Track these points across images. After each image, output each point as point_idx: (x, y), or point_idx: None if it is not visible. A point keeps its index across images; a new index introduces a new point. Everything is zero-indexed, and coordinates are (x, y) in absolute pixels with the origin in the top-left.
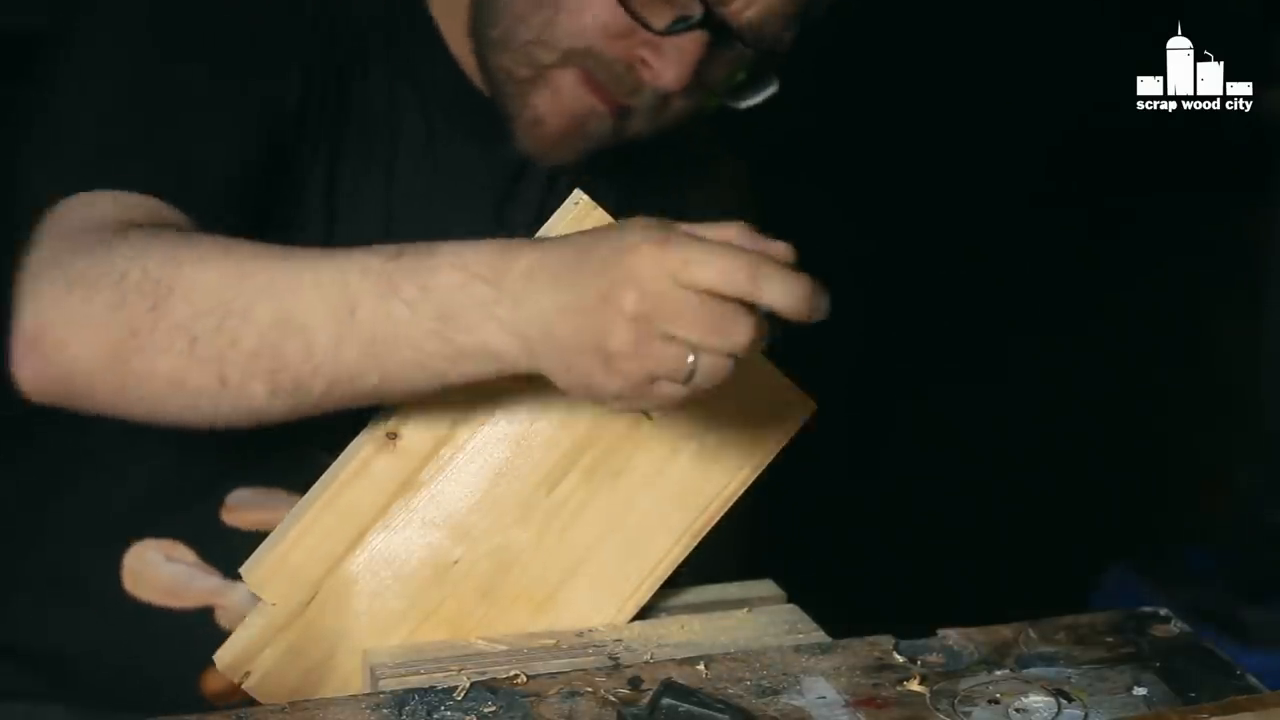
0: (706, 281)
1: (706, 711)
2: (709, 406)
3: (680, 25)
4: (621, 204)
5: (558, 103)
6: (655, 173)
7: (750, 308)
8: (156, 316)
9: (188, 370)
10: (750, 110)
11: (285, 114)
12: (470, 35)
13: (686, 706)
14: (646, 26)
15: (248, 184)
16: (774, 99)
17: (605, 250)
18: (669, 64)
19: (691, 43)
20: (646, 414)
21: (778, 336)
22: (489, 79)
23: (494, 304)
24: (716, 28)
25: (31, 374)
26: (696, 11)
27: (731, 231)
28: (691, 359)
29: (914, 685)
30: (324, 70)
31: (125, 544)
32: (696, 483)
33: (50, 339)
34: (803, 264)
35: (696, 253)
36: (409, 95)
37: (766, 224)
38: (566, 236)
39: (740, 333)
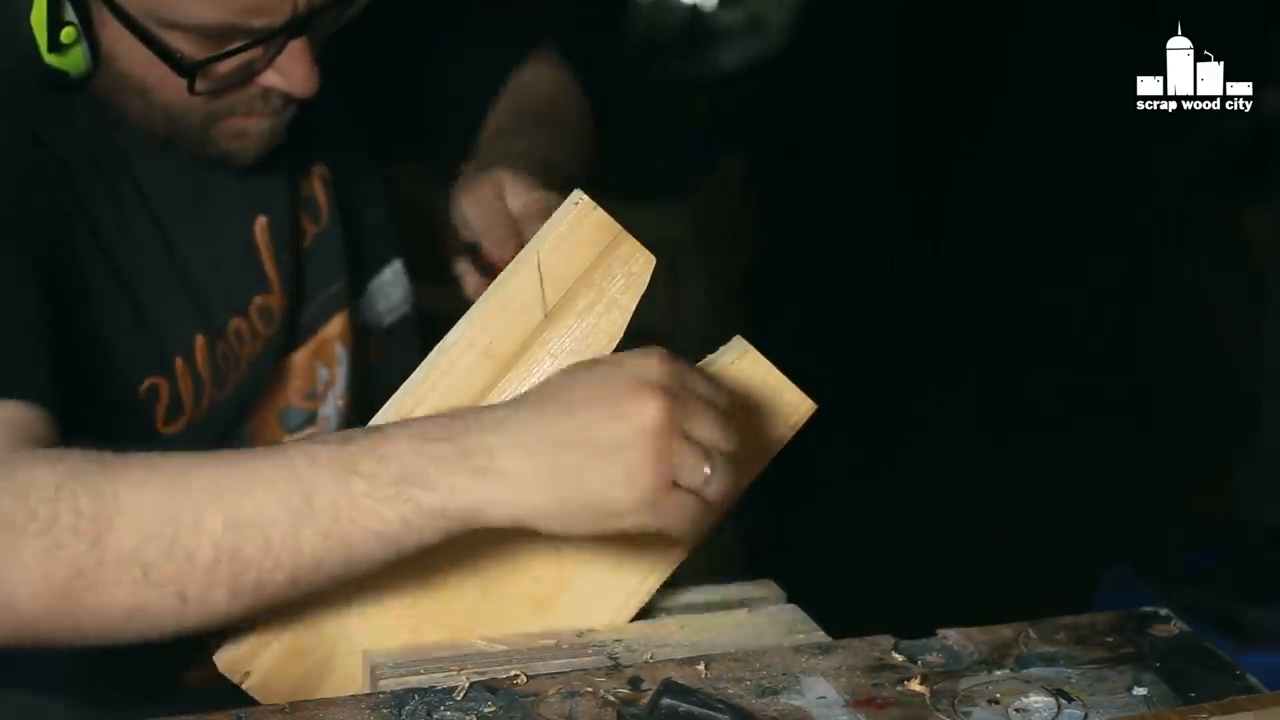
0: (709, 393)
1: (706, 711)
2: None
3: (271, 52)
4: None
5: (237, 138)
6: None
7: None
8: (100, 551)
9: (145, 597)
10: (750, 110)
11: (34, 227)
12: None
13: (686, 706)
14: (243, 80)
15: (51, 331)
16: (772, 99)
17: (591, 386)
18: (293, 79)
19: (296, 50)
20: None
21: None
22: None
23: (459, 460)
24: (301, 23)
25: None
26: (271, 34)
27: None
28: (708, 469)
29: (915, 685)
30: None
31: None
32: None
33: None
34: (803, 264)
35: (691, 373)
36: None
37: (767, 224)
38: (515, 399)
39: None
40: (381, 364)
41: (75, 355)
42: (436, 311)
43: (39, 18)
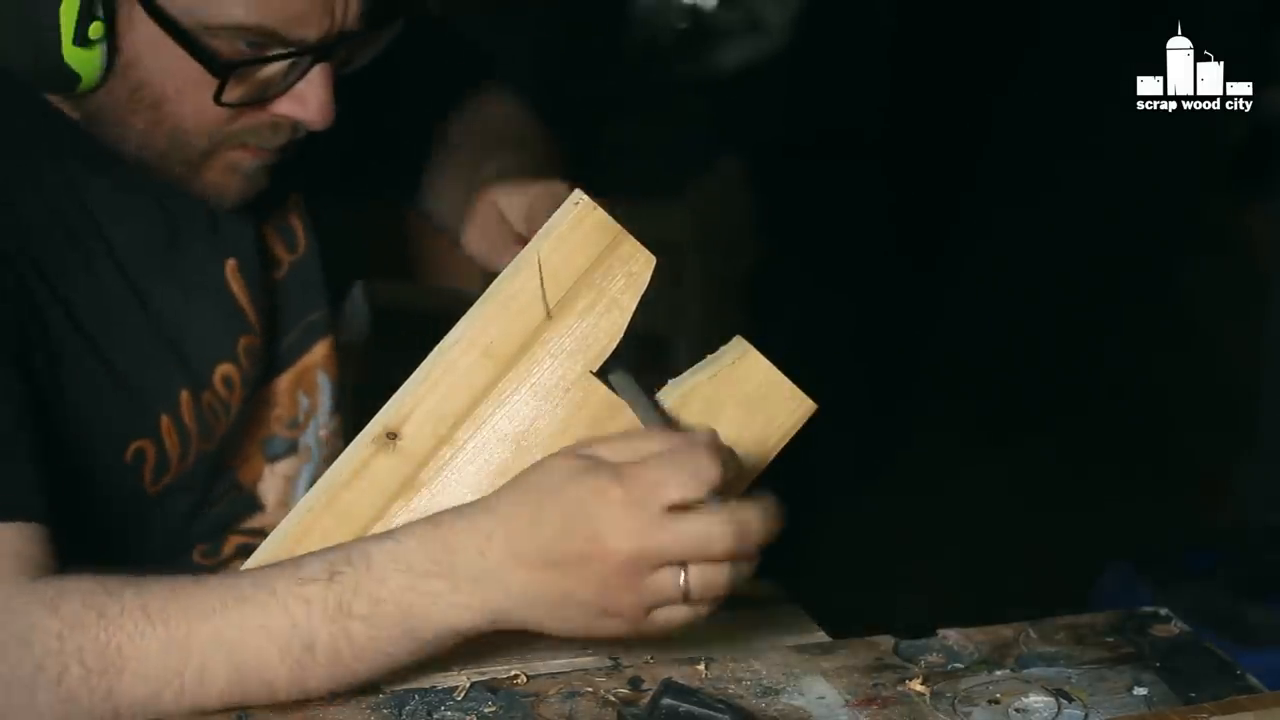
0: (677, 497)
1: (706, 711)
2: (708, 406)
3: (292, 77)
4: None
5: (229, 173)
6: None
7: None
8: (115, 703)
9: None
10: (750, 110)
11: (3, 323)
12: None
13: (686, 706)
14: (259, 102)
15: (34, 434)
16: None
17: (562, 511)
18: (310, 107)
19: (318, 76)
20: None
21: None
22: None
23: (451, 593)
24: (334, 45)
25: None
26: (304, 50)
27: (654, 439)
28: (683, 579)
29: (917, 685)
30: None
31: None
32: None
33: None
34: (804, 265)
35: (655, 474)
36: (80, 174)
37: (766, 224)
38: (494, 502)
39: (719, 530)
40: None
41: (57, 433)
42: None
43: (69, 8)
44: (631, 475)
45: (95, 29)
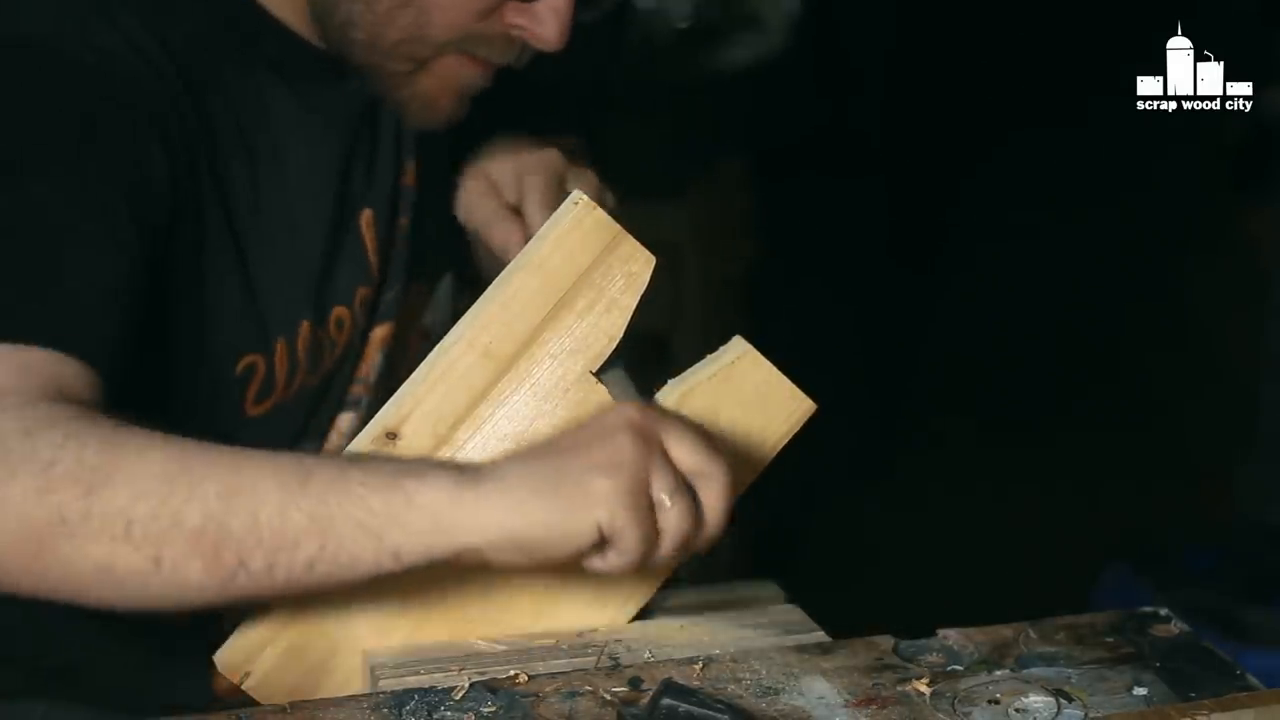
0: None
1: (706, 712)
2: (708, 406)
3: None
4: None
5: (444, 84)
6: None
7: None
8: (90, 503)
9: (119, 555)
10: (750, 110)
11: (155, 195)
12: (319, 29)
13: (686, 707)
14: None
15: (135, 299)
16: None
17: (576, 429)
18: (547, 24)
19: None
20: None
21: None
22: (354, 65)
23: (453, 485)
24: None
25: None
26: None
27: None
28: (672, 496)
29: (920, 685)
30: (179, 113)
31: None
32: None
33: None
34: (803, 266)
35: (664, 415)
36: (269, 85)
37: (766, 224)
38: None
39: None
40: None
41: (181, 324)
42: None
43: None
44: (648, 409)
45: None
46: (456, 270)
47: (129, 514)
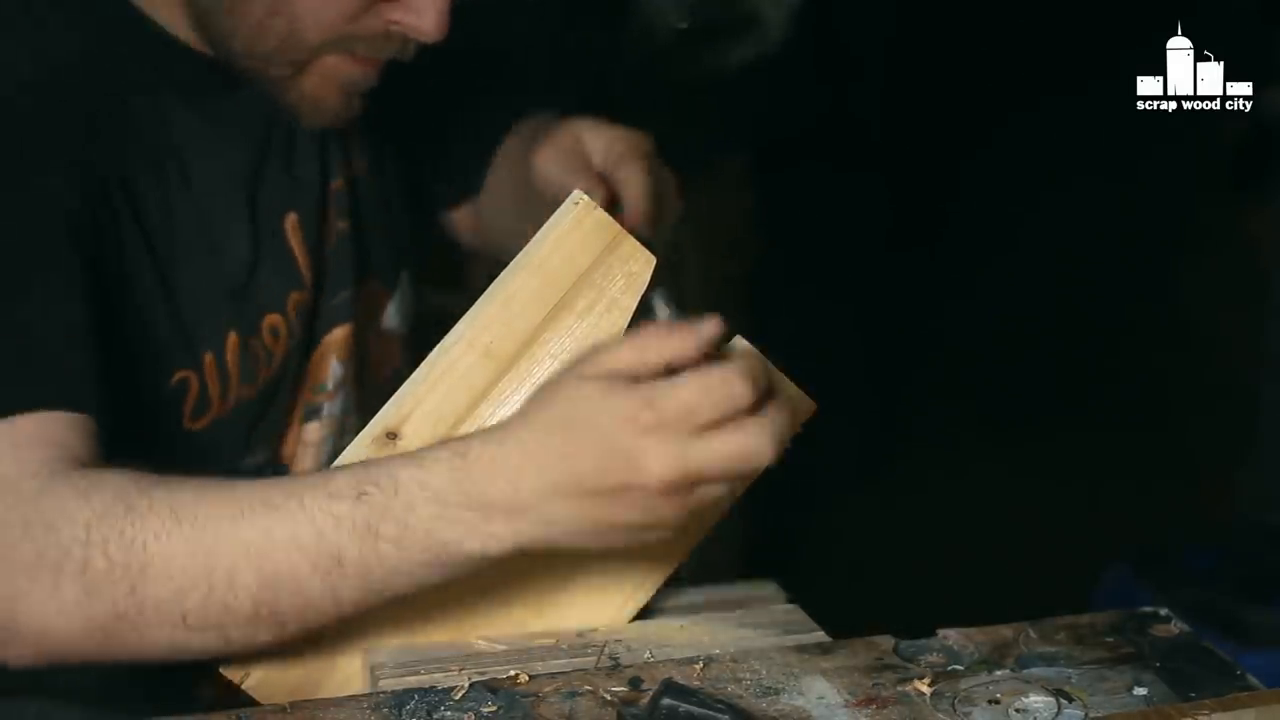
0: (710, 419)
1: (707, 712)
2: None
3: None
4: None
5: (328, 83)
6: None
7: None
8: (139, 599)
9: (188, 639)
10: (750, 110)
11: (80, 226)
12: (200, 36)
13: (686, 707)
14: (375, 6)
15: (97, 330)
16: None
17: (595, 441)
18: (425, 16)
19: None
20: None
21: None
22: (240, 71)
23: (484, 523)
24: None
25: (14, 656)
26: None
27: (665, 345)
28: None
29: (921, 685)
30: (83, 141)
31: None
32: None
33: (27, 629)
34: (803, 264)
35: (687, 398)
36: (168, 100)
37: (767, 224)
38: (520, 433)
39: (756, 444)
40: (397, 368)
41: (108, 342)
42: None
43: None
44: (663, 399)
45: None
46: (413, 269)
47: (181, 607)
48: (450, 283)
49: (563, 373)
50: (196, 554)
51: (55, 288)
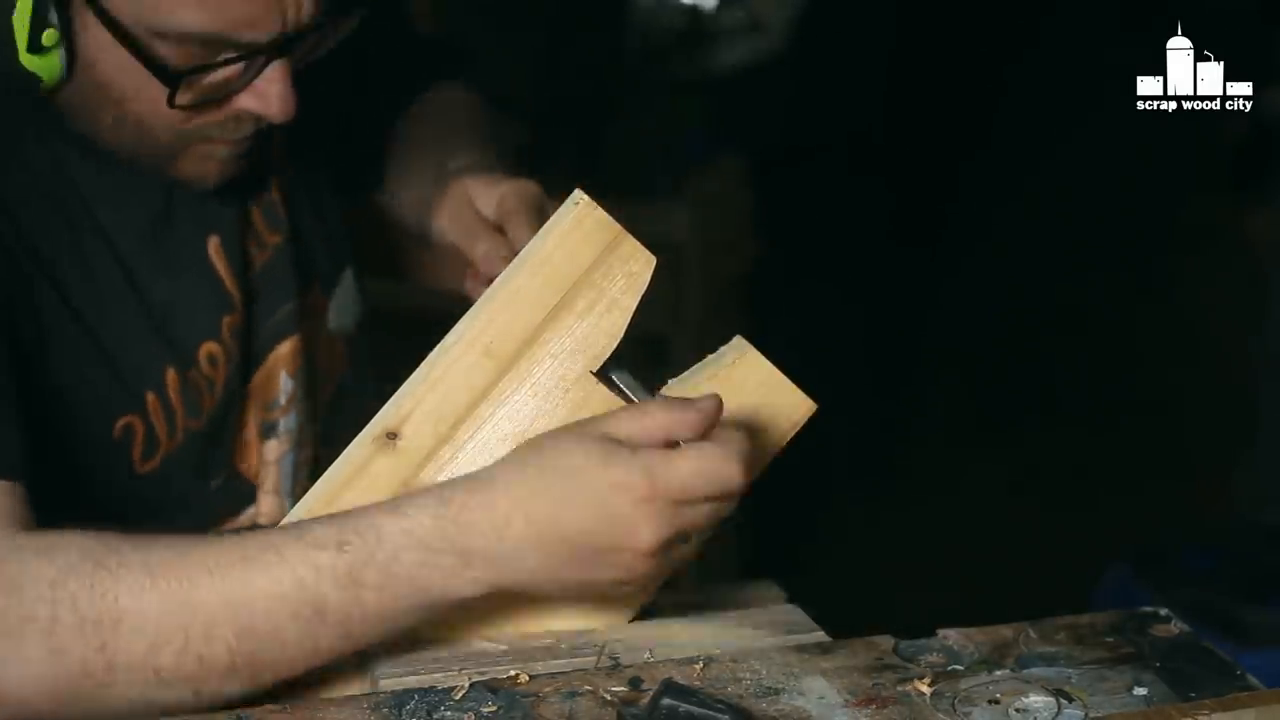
0: (702, 496)
1: (706, 712)
2: None
3: (250, 74)
4: None
5: (202, 161)
6: None
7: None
8: (109, 655)
9: (159, 694)
10: (750, 110)
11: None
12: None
13: (686, 707)
14: (218, 100)
15: (11, 396)
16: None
17: (587, 503)
18: (271, 104)
19: (276, 72)
20: None
21: None
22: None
23: (464, 569)
24: (287, 44)
25: None
26: (256, 51)
27: (668, 419)
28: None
29: (921, 685)
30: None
31: None
32: None
33: None
34: (803, 264)
35: (685, 476)
36: (66, 151)
37: (766, 224)
38: (508, 480)
39: (732, 504)
40: (344, 372)
41: (43, 407)
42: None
43: (21, 16)
44: (661, 473)
45: (49, 36)
46: (354, 265)
47: (154, 662)
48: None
49: (562, 429)
50: (172, 607)
51: None
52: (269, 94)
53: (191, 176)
